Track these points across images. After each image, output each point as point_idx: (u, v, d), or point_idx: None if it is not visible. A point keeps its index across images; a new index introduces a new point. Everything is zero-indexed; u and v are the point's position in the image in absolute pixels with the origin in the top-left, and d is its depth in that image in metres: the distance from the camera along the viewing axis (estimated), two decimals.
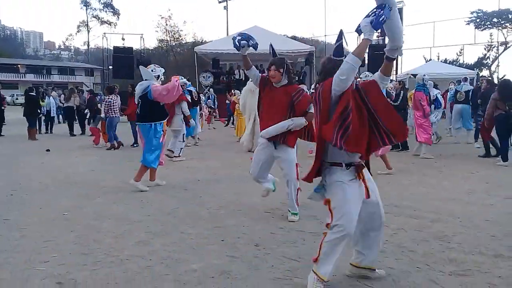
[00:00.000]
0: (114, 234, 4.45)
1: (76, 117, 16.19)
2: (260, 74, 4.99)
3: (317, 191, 3.23)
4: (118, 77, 24.80)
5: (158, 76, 6.84)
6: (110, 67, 27.05)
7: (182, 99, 9.40)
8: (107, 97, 11.75)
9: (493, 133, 9.08)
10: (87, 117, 14.31)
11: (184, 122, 9.51)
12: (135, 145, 11.55)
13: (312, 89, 8.14)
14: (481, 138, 9.93)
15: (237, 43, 4.79)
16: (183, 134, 9.64)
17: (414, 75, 15.37)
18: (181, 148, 9.58)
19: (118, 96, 12.16)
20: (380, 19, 2.91)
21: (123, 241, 4.24)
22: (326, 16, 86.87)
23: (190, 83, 12.98)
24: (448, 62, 35.54)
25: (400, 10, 25.22)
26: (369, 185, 3.11)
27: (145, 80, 6.72)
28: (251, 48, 4.83)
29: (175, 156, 9.34)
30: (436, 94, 10.99)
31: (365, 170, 3.17)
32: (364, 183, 3.08)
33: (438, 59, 34.39)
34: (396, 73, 26.17)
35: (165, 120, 6.93)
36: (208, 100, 18.43)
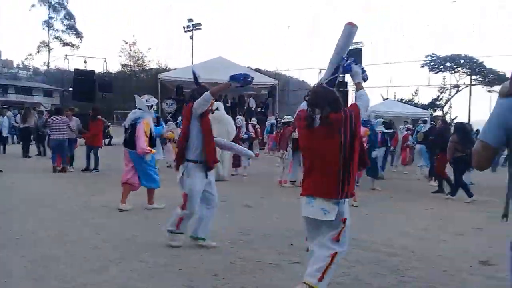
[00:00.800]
0: (69, 261, 4.30)
1: (32, 138, 15.61)
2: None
3: None
4: (77, 99, 24.30)
5: (151, 106, 7.05)
6: (71, 89, 26.51)
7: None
8: (54, 117, 11.33)
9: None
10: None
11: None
12: (93, 170, 11.25)
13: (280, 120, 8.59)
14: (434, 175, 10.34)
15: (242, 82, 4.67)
16: None
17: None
18: None
19: (77, 118, 11.88)
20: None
21: (78, 268, 4.11)
22: (289, 50, 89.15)
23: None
24: (404, 101, 37.08)
25: (359, 51, 26.41)
26: None
27: (139, 109, 6.94)
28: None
29: None
30: (382, 131, 11.43)
31: None
32: None
33: (395, 98, 35.82)
34: None
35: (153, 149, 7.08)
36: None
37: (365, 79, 3.81)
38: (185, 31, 46.98)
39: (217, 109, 11.30)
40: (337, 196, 3.24)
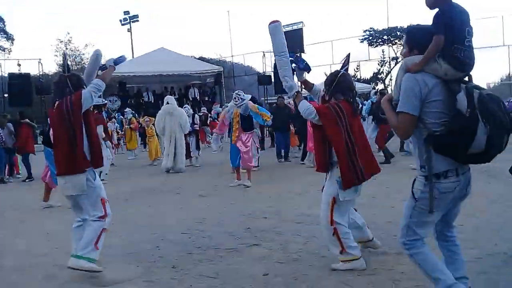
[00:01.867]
0: (19, 270, 4.14)
1: None
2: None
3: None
4: (15, 104, 23.12)
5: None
6: (6, 94, 25.17)
7: (98, 123, 9.15)
8: None
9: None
10: None
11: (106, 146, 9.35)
12: (27, 180, 10.61)
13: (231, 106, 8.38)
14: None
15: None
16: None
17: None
18: (100, 172, 9.22)
19: (10, 124, 11.18)
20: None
21: (29, 276, 3.96)
22: (231, 36, 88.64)
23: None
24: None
25: (300, 31, 26.69)
26: None
27: None
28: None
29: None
30: None
31: None
32: None
33: None
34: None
35: None
36: (116, 125, 17.73)
37: (308, 70, 4.05)
38: (122, 24, 45.56)
39: (167, 102, 11.17)
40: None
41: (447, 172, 2.47)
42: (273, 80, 26.06)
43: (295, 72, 4.04)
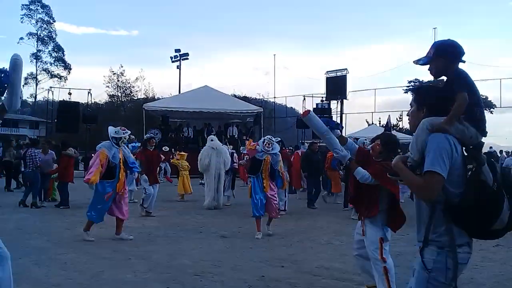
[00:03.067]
0: None
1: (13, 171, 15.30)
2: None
3: None
4: (62, 131, 24.24)
5: (120, 138, 7.15)
6: (56, 120, 26.45)
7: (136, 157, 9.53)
8: (30, 149, 11.05)
9: None
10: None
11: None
12: (60, 206, 10.81)
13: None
14: None
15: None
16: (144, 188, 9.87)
17: (357, 139, 16.03)
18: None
19: (53, 152, 11.64)
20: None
21: None
22: (275, 77, 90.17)
23: (136, 141, 12.81)
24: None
25: (344, 78, 26.86)
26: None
27: (109, 140, 7.17)
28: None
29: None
30: None
31: None
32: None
33: (380, 123, 36.19)
34: None
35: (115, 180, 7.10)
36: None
37: (339, 129, 4.16)
38: (172, 61, 47.46)
39: (212, 140, 11.40)
40: None
41: (461, 244, 2.31)
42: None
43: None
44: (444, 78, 2.54)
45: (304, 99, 28.05)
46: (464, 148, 2.38)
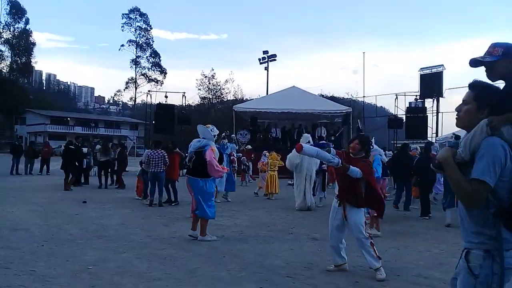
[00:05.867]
0: None
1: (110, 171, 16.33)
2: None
3: None
4: (159, 132, 25.71)
5: (215, 135, 7.45)
6: (154, 122, 28.13)
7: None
8: (154, 150, 11.39)
9: None
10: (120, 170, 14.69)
11: None
12: (173, 203, 11.38)
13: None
14: None
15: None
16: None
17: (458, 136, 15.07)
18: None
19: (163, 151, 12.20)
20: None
21: None
22: (365, 76, 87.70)
23: (231, 144, 13.08)
24: None
25: (439, 74, 25.36)
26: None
27: (203, 138, 7.18)
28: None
29: None
30: None
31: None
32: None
33: None
34: (436, 135, 25.79)
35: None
36: (243, 157, 18.51)
37: (330, 147, 5.19)
38: (261, 63, 48.21)
39: (308, 142, 11.43)
40: None
41: (509, 248, 2.23)
42: (404, 123, 25.00)
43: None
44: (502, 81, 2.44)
45: (397, 97, 26.88)
46: None
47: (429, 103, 26.27)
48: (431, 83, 25.39)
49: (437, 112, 26.77)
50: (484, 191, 2.16)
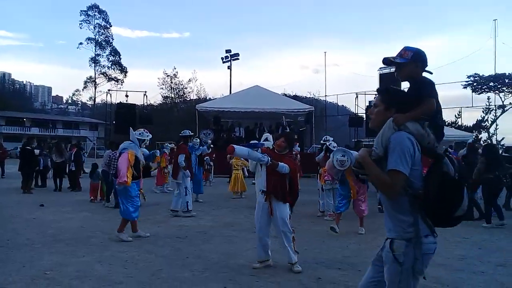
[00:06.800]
0: None
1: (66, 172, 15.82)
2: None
3: None
4: (120, 132, 25.10)
5: (144, 140, 7.36)
6: (114, 122, 27.53)
7: (180, 152, 9.73)
8: (115, 151, 10.86)
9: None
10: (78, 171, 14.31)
11: (185, 176, 9.76)
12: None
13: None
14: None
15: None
16: (185, 188, 9.70)
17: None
18: (187, 202, 9.66)
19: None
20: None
21: None
22: (326, 75, 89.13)
23: (203, 147, 12.86)
24: (446, 124, 36.00)
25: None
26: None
27: (130, 141, 7.28)
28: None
29: (184, 212, 9.58)
30: None
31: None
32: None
33: None
34: None
35: (140, 180, 7.48)
36: (206, 157, 18.38)
37: (258, 146, 5.64)
38: (223, 62, 48.07)
39: (266, 139, 11.36)
40: None
41: (427, 234, 2.47)
42: (364, 121, 25.59)
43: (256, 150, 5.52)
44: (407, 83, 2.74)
45: (357, 96, 27.50)
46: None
47: None
48: (390, 82, 25.95)
49: None
50: (401, 179, 2.40)
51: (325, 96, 38.22)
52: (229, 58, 47.21)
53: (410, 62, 2.65)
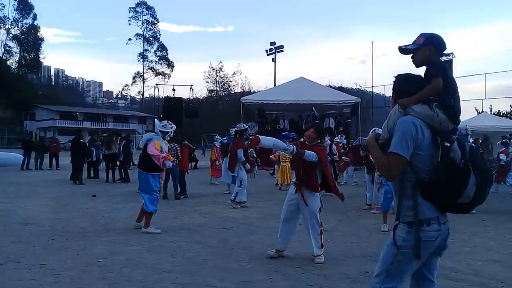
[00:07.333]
0: (143, 284, 4.48)
1: (117, 164, 16.32)
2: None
3: None
4: None
5: (167, 133, 7.38)
6: (162, 115, 28.20)
7: (239, 146, 9.82)
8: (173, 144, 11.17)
9: None
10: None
11: (242, 169, 10.00)
12: (182, 196, 11.32)
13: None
14: None
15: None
16: (240, 180, 9.92)
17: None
18: (236, 193, 9.83)
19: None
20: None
21: None
22: (373, 66, 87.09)
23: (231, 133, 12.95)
24: (501, 114, 34.33)
25: (450, 62, 25.09)
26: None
27: (154, 132, 7.38)
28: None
29: (233, 202, 9.76)
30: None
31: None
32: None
33: (491, 111, 33.31)
34: None
35: (162, 172, 7.52)
36: (250, 150, 18.44)
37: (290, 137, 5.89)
38: (268, 54, 48.02)
39: None
40: None
41: (429, 220, 2.46)
42: None
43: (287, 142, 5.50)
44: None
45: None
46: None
47: None
48: None
49: None
50: (399, 162, 2.44)
51: (372, 87, 37.21)
52: (274, 50, 47.07)
53: (422, 48, 2.64)
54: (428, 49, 2.63)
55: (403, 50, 2.71)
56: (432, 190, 2.42)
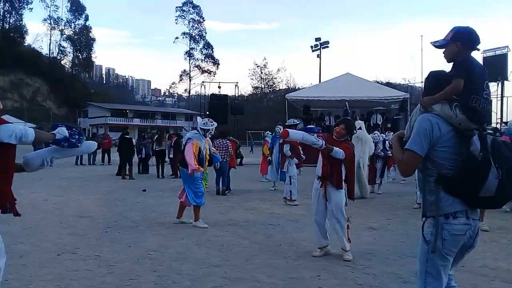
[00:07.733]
0: (192, 277, 4.57)
1: (167, 160, 16.76)
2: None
3: None
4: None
5: (208, 130, 7.41)
6: (208, 112, 28.64)
7: (286, 141, 9.86)
8: (218, 140, 11.41)
9: None
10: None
11: (291, 164, 10.08)
12: (226, 192, 11.43)
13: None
14: None
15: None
16: (290, 177, 9.98)
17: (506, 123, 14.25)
18: (290, 191, 9.90)
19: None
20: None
21: (200, 285, 4.34)
22: (422, 61, 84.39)
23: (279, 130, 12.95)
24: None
25: (504, 56, 23.95)
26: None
27: (195, 130, 7.51)
28: None
29: (288, 200, 9.81)
30: None
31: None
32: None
33: None
34: (501, 120, 24.41)
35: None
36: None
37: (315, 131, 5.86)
38: (313, 51, 47.60)
39: (359, 128, 11.19)
40: None
41: (456, 213, 2.43)
42: None
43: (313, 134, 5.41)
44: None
45: None
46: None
47: (493, 87, 24.89)
48: (495, 66, 24.04)
49: (502, 96, 25.33)
50: (413, 158, 2.48)
51: (422, 82, 36.16)
52: (319, 46, 46.58)
53: (451, 43, 2.59)
54: (456, 44, 2.57)
55: (434, 45, 2.68)
56: (453, 184, 2.42)
